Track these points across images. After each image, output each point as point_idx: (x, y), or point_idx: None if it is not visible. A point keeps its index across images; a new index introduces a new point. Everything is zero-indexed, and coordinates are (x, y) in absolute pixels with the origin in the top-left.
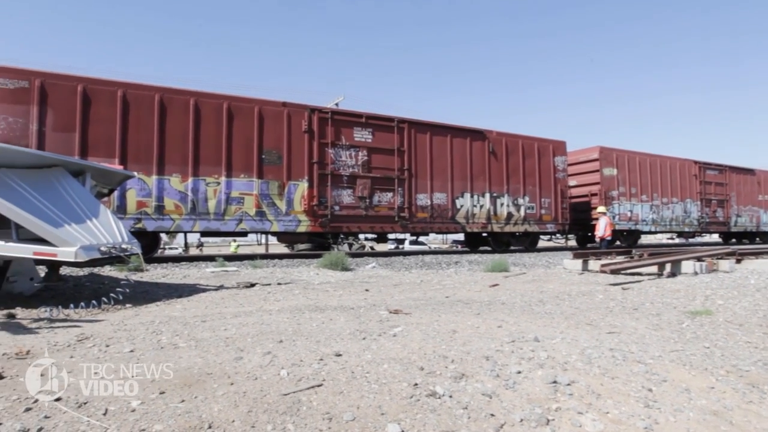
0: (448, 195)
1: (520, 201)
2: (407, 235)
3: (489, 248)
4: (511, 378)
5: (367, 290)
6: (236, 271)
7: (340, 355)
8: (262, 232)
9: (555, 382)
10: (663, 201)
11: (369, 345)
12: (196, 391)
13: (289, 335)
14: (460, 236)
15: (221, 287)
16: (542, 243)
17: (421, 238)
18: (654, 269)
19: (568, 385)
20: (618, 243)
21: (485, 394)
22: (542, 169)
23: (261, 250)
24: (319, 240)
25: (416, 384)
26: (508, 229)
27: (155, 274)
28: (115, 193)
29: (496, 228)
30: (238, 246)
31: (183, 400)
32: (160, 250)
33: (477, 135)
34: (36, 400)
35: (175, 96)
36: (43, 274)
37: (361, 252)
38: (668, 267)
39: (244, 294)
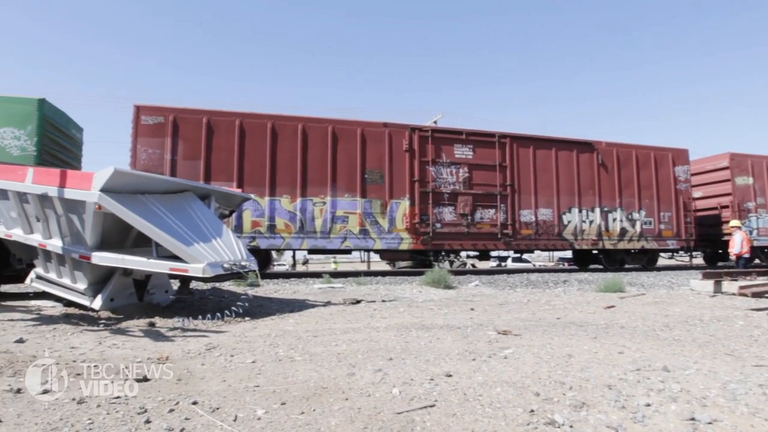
0: (554, 210)
1: (636, 215)
2: (510, 253)
3: (600, 266)
4: (639, 411)
5: (472, 309)
6: (342, 287)
7: (450, 375)
8: (366, 250)
9: (693, 419)
10: None
11: (479, 366)
12: (313, 404)
13: (398, 353)
14: (567, 253)
15: (329, 303)
16: (662, 261)
17: (525, 256)
18: None
19: (710, 423)
20: (757, 261)
21: (610, 426)
22: (660, 180)
23: (361, 266)
24: (420, 257)
25: (532, 410)
26: (621, 245)
27: (268, 289)
28: (233, 214)
29: (608, 245)
30: (338, 264)
31: (302, 412)
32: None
33: (584, 147)
34: (177, 402)
35: (285, 122)
36: (175, 288)
37: (462, 269)
38: None
39: (351, 310)
